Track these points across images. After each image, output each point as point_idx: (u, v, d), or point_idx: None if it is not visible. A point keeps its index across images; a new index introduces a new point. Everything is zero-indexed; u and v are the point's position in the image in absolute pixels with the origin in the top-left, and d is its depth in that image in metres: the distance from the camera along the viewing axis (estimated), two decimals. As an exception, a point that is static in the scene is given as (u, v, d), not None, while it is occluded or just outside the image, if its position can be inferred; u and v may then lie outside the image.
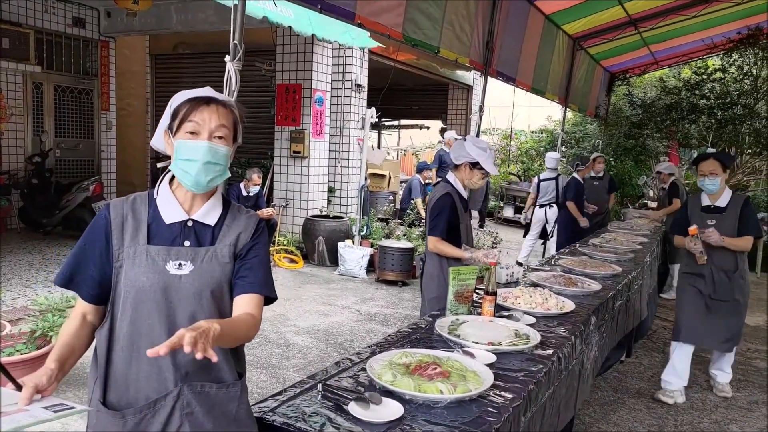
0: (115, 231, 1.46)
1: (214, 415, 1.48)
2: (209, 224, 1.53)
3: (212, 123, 1.47)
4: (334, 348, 4.77)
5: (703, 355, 5.15)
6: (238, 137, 1.56)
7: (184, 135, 1.47)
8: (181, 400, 1.44)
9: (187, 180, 1.48)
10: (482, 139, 3.41)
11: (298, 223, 8.26)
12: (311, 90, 8.07)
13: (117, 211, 1.48)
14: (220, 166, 1.49)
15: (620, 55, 9.23)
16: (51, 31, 8.71)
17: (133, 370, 1.45)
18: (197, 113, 1.46)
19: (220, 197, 1.58)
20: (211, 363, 1.45)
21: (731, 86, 9.96)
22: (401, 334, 2.44)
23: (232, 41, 2.46)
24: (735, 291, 4.00)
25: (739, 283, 4.01)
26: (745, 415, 3.98)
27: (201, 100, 1.48)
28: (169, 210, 1.51)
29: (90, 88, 9.48)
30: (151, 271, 1.44)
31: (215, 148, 1.47)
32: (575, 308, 2.94)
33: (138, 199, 1.53)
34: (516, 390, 1.91)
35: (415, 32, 4.36)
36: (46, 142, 8.77)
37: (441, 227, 3.23)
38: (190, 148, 1.45)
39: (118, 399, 1.46)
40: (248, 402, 1.59)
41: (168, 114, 1.53)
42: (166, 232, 1.49)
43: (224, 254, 1.51)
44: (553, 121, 15.73)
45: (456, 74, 13.19)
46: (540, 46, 6.85)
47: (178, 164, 1.47)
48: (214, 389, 1.48)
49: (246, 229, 1.56)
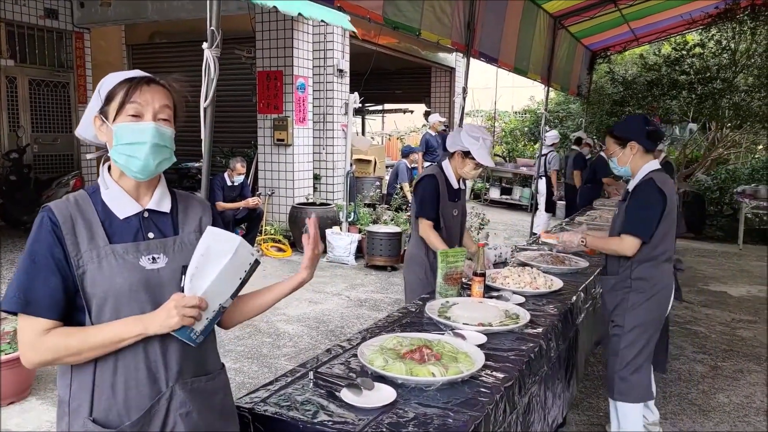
0: (68, 236, 1.31)
1: (205, 410, 1.43)
2: (165, 212, 1.45)
3: (156, 103, 1.37)
4: (325, 335, 4.77)
5: (690, 328, 5.24)
6: (177, 120, 1.47)
7: (125, 118, 1.35)
8: (174, 401, 1.37)
9: (135, 165, 1.36)
10: (480, 127, 3.22)
11: (284, 211, 8.20)
12: (293, 76, 7.97)
13: (63, 214, 1.33)
14: (168, 149, 1.40)
15: (601, 33, 9.22)
16: (23, 23, 8.49)
17: (120, 378, 1.33)
18: (139, 94, 1.36)
19: (165, 184, 1.49)
20: (201, 354, 1.43)
21: (710, 61, 10.03)
22: (391, 318, 2.44)
23: (209, 27, 2.41)
24: (612, 309, 2.87)
25: (617, 298, 2.84)
26: (731, 383, 4.06)
27: (141, 80, 1.38)
28: (121, 204, 1.40)
29: (66, 81, 9.29)
30: (125, 270, 1.33)
31: (162, 130, 1.37)
32: (563, 286, 2.96)
33: (79, 199, 1.39)
34: (507, 369, 1.92)
35: (395, 14, 4.31)
36: (23, 138, 8.58)
37: (429, 210, 3.13)
38: (135, 131, 1.35)
39: (107, 412, 1.33)
40: (230, 392, 1.56)
41: (98, 98, 1.40)
42: (124, 228, 1.38)
43: (191, 241, 1.44)
44: (537, 102, 15.76)
45: (438, 56, 13.12)
46: (521, 26, 6.82)
47: (121, 150, 1.35)
48: (203, 382, 1.43)
49: (205, 212, 1.52)
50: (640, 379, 2.80)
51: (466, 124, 3.38)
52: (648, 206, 2.72)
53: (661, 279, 2.79)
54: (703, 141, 11.95)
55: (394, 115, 19.01)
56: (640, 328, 2.78)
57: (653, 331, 2.81)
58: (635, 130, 2.80)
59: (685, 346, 4.73)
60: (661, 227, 2.72)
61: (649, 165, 2.80)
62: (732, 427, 3.45)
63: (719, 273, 7.53)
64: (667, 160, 6.98)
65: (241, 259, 1.36)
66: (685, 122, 11.02)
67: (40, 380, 3.67)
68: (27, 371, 3.48)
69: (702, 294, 6.44)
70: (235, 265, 1.35)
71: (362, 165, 10.81)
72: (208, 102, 2.42)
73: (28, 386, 3.52)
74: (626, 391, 2.80)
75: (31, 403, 3.43)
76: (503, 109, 17.86)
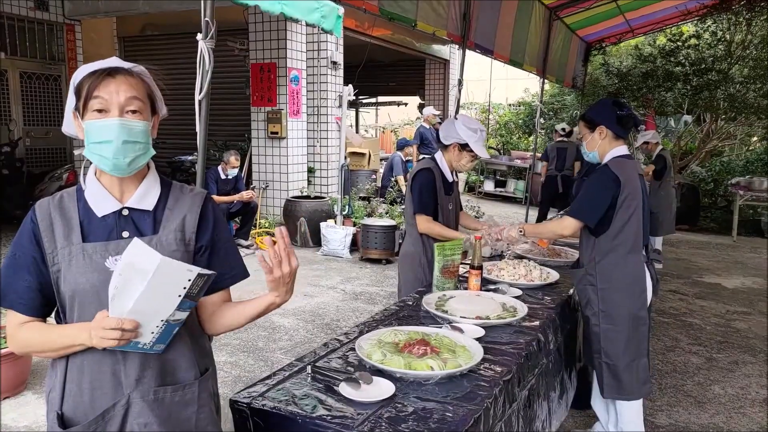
0: (45, 234, 1.31)
1: (170, 423, 1.34)
2: (147, 209, 1.37)
3: (121, 96, 1.29)
4: (320, 329, 4.76)
5: (685, 320, 5.27)
6: (157, 108, 1.39)
7: (92, 114, 1.29)
8: (132, 409, 1.31)
9: (105, 165, 1.30)
10: (475, 119, 3.17)
11: (278, 204, 8.17)
12: (286, 69, 7.92)
13: (43, 212, 1.33)
14: (140, 144, 1.32)
15: (596, 24, 9.21)
16: (12, 15, 8.38)
17: (86, 378, 1.31)
18: (101, 88, 1.28)
19: (156, 177, 1.41)
20: (168, 362, 1.36)
21: (706, 52, 10.04)
22: (388, 312, 2.43)
23: (203, 18, 2.37)
24: (585, 304, 2.78)
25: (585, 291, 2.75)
26: (726, 375, 4.08)
27: (103, 72, 1.29)
28: (100, 201, 1.34)
29: (57, 73, 9.18)
30: (89, 270, 1.29)
31: (129, 125, 1.29)
32: (560, 278, 2.95)
33: (66, 196, 1.36)
34: (506, 363, 1.91)
35: (391, 5, 4.29)
36: (14, 131, 8.51)
37: (429, 205, 3.04)
38: (101, 128, 1.28)
39: (74, 409, 1.32)
40: (212, 405, 1.45)
41: (72, 93, 1.34)
42: (100, 227, 1.33)
43: (170, 241, 1.36)
44: (531, 94, 15.75)
45: (432, 48, 13.07)
46: (516, 17, 6.80)
47: (92, 148, 1.30)
48: (169, 393, 1.35)
49: (191, 210, 1.41)
50: (631, 375, 2.68)
51: (460, 115, 3.33)
52: (596, 191, 2.62)
53: (625, 271, 2.66)
54: (697, 133, 11.98)
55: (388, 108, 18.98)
56: (614, 324, 2.65)
57: (631, 325, 2.66)
58: (605, 114, 2.70)
59: (680, 338, 4.75)
60: (619, 216, 2.60)
61: (616, 150, 2.70)
62: (728, 418, 3.47)
63: (713, 265, 7.57)
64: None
65: (169, 277, 1.19)
66: (680, 114, 11.03)
67: (35, 374, 3.64)
68: (22, 366, 3.45)
69: (696, 286, 6.47)
70: (162, 283, 1.18)
71: (357, 158, 10.78)
72: (203, 94, 2.39)
73: (24, 380, 3.49)
74: (618, 388, 2.70)
75: (27, 398, 3.41)
76: (497, 101, 17.84)
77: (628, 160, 2.71)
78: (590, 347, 2.77)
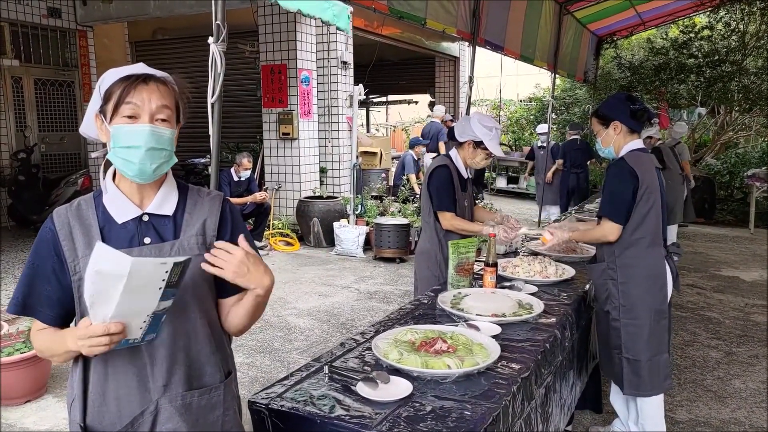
0: (65, 242, 1.31)
1: (199, 428, 1.35)
2: (167, 215, 1.38)
3: (153, 104, 1.30)
4: (336, 328, 4.77)
5: (703, 314, 5.21)
6: (181, 117, 1.39)
7: (121, 119, 1.29)
8: (161, 415, 1.31)
9: (131, 170, 1.30)
10: (490, 117, 3.18)
11: (291, 205, 8.20)
12: (297, 70, 7.95)
13: (62, 220, 1.33)
14: (166, 151, 1.33)
15: (607, 18, 9.12)
16: (26, 23, 8.49)
17: (111, 386, 1.31)
18: (135, 94, 1.29)
19: (173, 183, 1.42)
20: (194, 367, 1.36)
21: (719, 43, 9.90)
22: (404, 310, 2.43)
23: (214, 21, 2.38)
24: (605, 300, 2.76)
25: (604, 286, 2.74)
26: (747, 369, 4.03)
27: (137, 79, 1.30)
28: (119, 208, 1.35)
29: (71, 79, 9.30)
30: None
31: (159, 132, 1.30)
32: (575, 274, 2.93)
33: (83, 204, 1.37)
34: (524, 360, 1.90)
35: (400, 4, 4.28)
36: (30, 138, 8.62)
37: (448, 201, 3.04)
38: (130, 134, 1.29)
39: (100, 419, 1.33)
40: (236, 407, 1.47)
41: (98, 96, 1.34)
42: (121, 234, 1.33)
43: (191, 245, 1.36)
44: (542, 89, 15.64)
45: (442, 46, 13.03)
46: (526, 13, 6.76)
47: (118, 153, 1.30)
48: (196, 398, 1.36)
49: (211, 213, 1.42)
50: (652, 370, 2.66)
51: (474, 112, 3.32)
52: (617, 188, 2.62)
53: (646, 265, 2.65)
54: (712, 125, 11.83)
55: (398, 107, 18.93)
56: (636, 318, 2.63)
57: (652, 320, 2.64)
58: (619, 109, 2.69)
59: (698, 332, 4.70)
60: (638, 209, 2.59)
61: (631, 144, 2.69)
62: (749, 413, 3.43)
63: (731, 258, 7.47)
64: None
65: (145, 276, 1.15)
66: (694, 106, 10.91)
67: (56, 378, 3.69)
68: (42, 369, 3.50)
69: (714, 279, 6.40)
70: (139, 284, 1.15)
71: (368, 157, 10.77)
72: (215, 97, 2.40)
73: (44, 384, 3.54)
74: (638, 385, 2.68)
75: (48, 401, 3.46)
76: (508, 97, 17.74)
77: (644, 153, 2.70)
78: (608, 343, 2.75)
